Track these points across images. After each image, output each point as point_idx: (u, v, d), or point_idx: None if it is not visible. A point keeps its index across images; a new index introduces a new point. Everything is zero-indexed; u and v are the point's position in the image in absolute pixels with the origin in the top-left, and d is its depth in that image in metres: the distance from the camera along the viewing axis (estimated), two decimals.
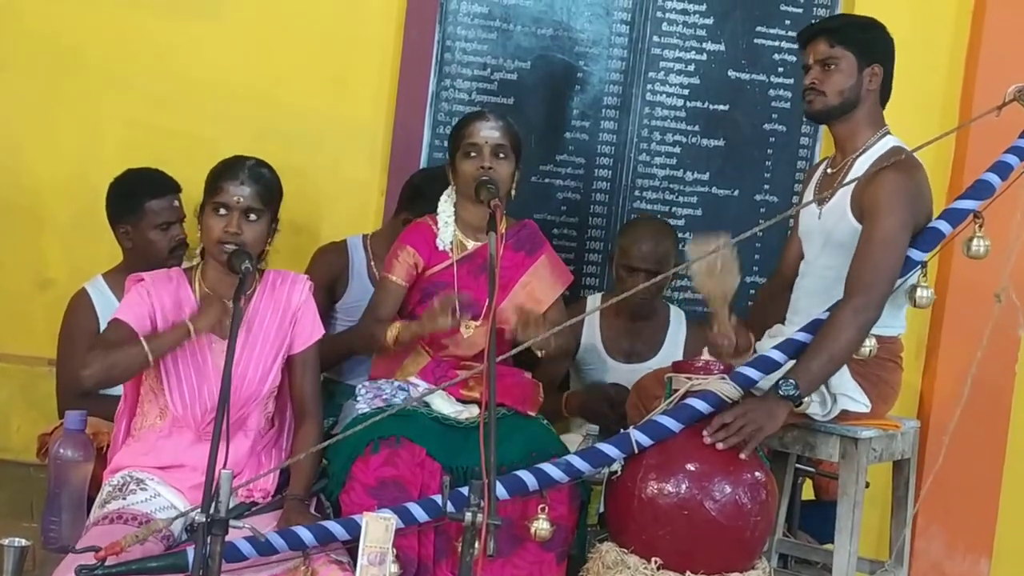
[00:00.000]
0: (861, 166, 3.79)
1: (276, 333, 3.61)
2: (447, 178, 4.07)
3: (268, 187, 3.57)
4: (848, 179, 3.78)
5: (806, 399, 3.62)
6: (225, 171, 3.55)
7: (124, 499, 3.49)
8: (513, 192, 3.97)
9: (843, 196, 3.79)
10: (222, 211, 3.49)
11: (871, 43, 3.85)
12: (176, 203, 4.23)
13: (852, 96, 3.82)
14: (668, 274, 4.11)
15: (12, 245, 4.72)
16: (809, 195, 3.96)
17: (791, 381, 3.56)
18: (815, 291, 3.86)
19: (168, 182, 4.26)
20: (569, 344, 4.27)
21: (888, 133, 3.87)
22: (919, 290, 3.72)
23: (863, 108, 3.84)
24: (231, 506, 3.00)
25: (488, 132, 3.90)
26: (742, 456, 3.54)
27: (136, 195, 4.24)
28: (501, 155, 3.90)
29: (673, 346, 4.57)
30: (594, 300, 4.65)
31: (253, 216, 3.52)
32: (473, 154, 3.89)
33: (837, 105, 3.82)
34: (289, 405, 3.72)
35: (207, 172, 3.64)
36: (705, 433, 3.54)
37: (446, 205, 4.02)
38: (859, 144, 3.85)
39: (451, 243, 3.98)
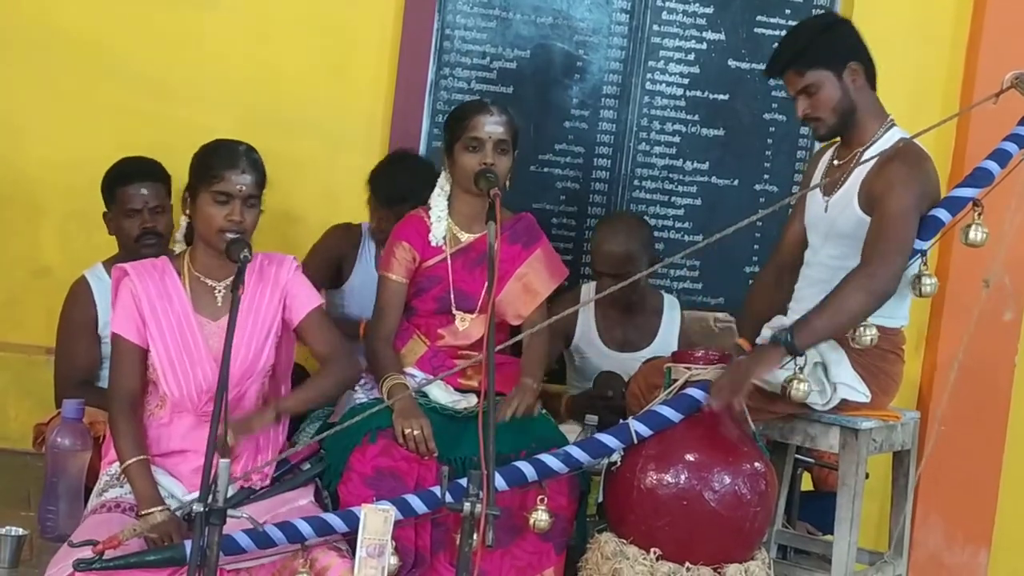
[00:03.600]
0: (868, 158, 3.78)
1: (266, 311, 3.61)
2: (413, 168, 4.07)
3: (263, 172, 3.59)
4: (860, 162, 3.75)
5: (804, 387, 3.59)
6: (222, 158, 3.53)
7: (122, 487, 3.50)
8: (508, 184, 3.94)
9: (850, 187, 3.77)
10: (223, 199, 3.49)
11: (835, 48, 3.79)
12: (144, 191, 4.20)
13: (846, 104, 3.78)
14: (634, 278, 4.05)
15: (8, 233, 4.71)
16: (814, 183, 3.94)
17: (789, 330, 3.54)
18: (819, 281, 3.84)
19: (141, 170, 4.25)
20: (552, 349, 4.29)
21: (894, 125, 3.85)
22: (923, 279, 3.70)
23: (861, 106, 3.81)
24: (229, 494, 3.00)
25: (492, 127, 3.86)
26: (735, 405, 3.52)
27: (111, 182, 4.27)
28: (503, 150, 3.87)
29: (668, 335, 4.58)
30: (588, 288, 4.64)
31: (252, 202, 3.53)
32: (475, 148, 3.86)
33: (838, 120, 3.80)
34: (283, 386, 3.72)
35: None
36: (707, 402, 3.52)
37: (439, 199, 3.98)
38: (866, 137, 3.83)
39: (444, 237, 3.95)
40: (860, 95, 3.80)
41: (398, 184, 4.45)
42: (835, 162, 3.91)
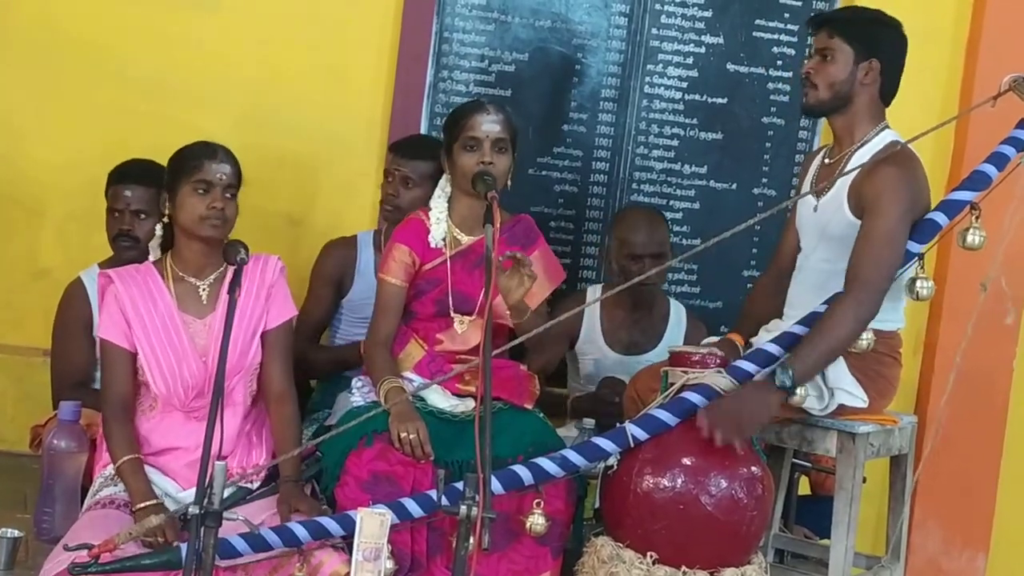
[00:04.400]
0: (859, 160, 3.77)
1: (252, 309, 3.64)
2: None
3: (239, 168, 3.63)
4: (845, 172, 3.76)
5: (801, 392, 3.60)
6: (199, 149, 3.59)
7: (115, 486, 3.51)
8: (508, 184, 3.94)
9: (840, 189, 3.77)
10: (203, 189, 3.53)
11: (871, 36, 3.81)
12: (128, 193, 4.21)
13: (844, 90, 3.79)
14: (671, 262, 4.08)
15: (6, 235, 4.70)
16: (806, 186, 3.94)
17: (788, 371, 3.55)
18: (811, 285, 3.84)
19: (133, 172, 4.25)
20: (555, 351, 4.24)
21: (887, 127, 3.85)
22: (919, 282, 3.70)
23: (859, 103, 3.80)
24: (226, 493, 3.00)
25: (489, 126, 3.86)
26: (737, 449, 3.53)
27: (108, 180, 4.29)
28: (501, 149, 3.87)
29: (673, 339, 4.57)
30: (594, 291, 4.64)
31: (230, 194, 3.57)
32: (473, 147, 3.86)
33: (828, 99, 3.80)
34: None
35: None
36: (699, 425, 3.52)
37: (439, 200, 3.97)
38: (857, 138, 3.83)
39: (444, 239, 3.95)
40: (863, 92, 3.80)
41: (418, 137, 4.56)
42: (825, 162, 3.92)
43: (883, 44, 3.83)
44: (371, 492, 3.52)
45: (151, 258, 3.70)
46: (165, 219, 3.63)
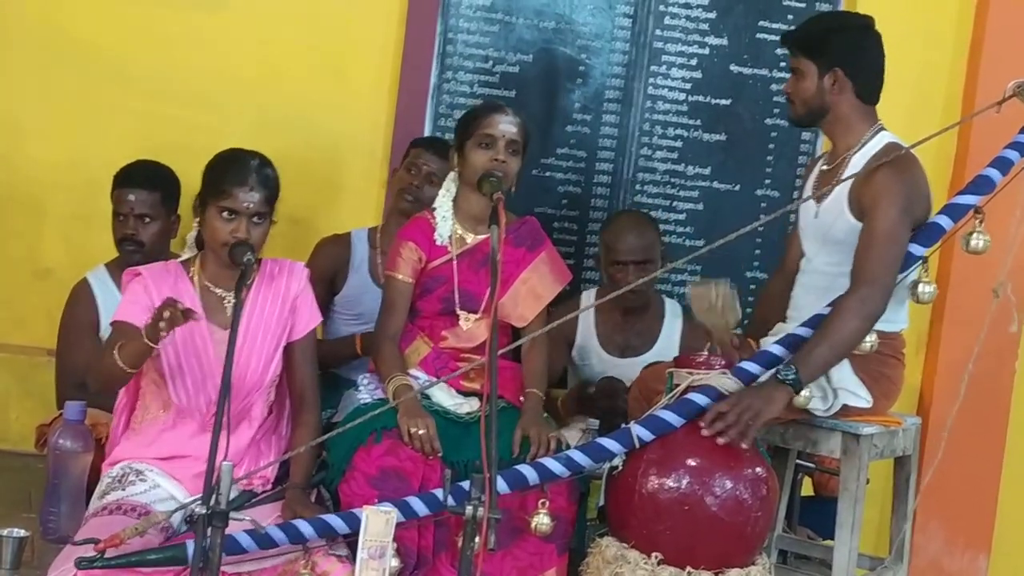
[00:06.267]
0: (856, 164, 3.78)
1: (276, 322, 3.60)
2: None
3: (273, 189, 3.55)
4: (844, 177, 3.76)
5: (805, 393, 3.61)
6: (231, 173, 3.49)
7: (123, 490, 3.47)
8: (514, 189, 3.94)
9: (840, 194, 3.78)
10: (230, 216, 3.46)
11: (826, 48, 3.81)
12: (131, 197, 4.21)
13: (816, 103, 3.81)
14: (655, 275, 4.08)
15: (9, 234, 4.71)
16: (807, 191, 3.95)
17: (791, 367, 3.55)
18: (815, 288, 3.85)
19: (137, 175, 4.26)
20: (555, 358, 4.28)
21: (882, 129, 3.85)
22: (921, 285, 3.72)
23: (838, 110, 3.81)
24: (232, 497, 2.99)
25: (506, 127, 3.87)
26: (743, 445, 3.52)
27: (113, 182, 4.29)
28: (514, 151, 3.89)
29: (669, 339, 4.57)
30: (588, 296, 4.64)
31: (259, 220, 3.50)
32: (488, 145, 3.87)
33: (804, 114, 3.86)
34: (288, 393, 3.71)
35: (206, 163, 3.62)
36: (702, 424, 3.52)
37: (444, 199, 3.99)
38: (853, 142, 3.84)
39: (450, 237, 3.96)
40: (839, 100, 3.81)
41: (444, 139, 4.56)
42: (824, 168, 3.93)
43: (840, 50, 3.81)
44: (379, 488, 3.52)
45: (186, 255, 3.66)
46: (198, 226, 3.57)
